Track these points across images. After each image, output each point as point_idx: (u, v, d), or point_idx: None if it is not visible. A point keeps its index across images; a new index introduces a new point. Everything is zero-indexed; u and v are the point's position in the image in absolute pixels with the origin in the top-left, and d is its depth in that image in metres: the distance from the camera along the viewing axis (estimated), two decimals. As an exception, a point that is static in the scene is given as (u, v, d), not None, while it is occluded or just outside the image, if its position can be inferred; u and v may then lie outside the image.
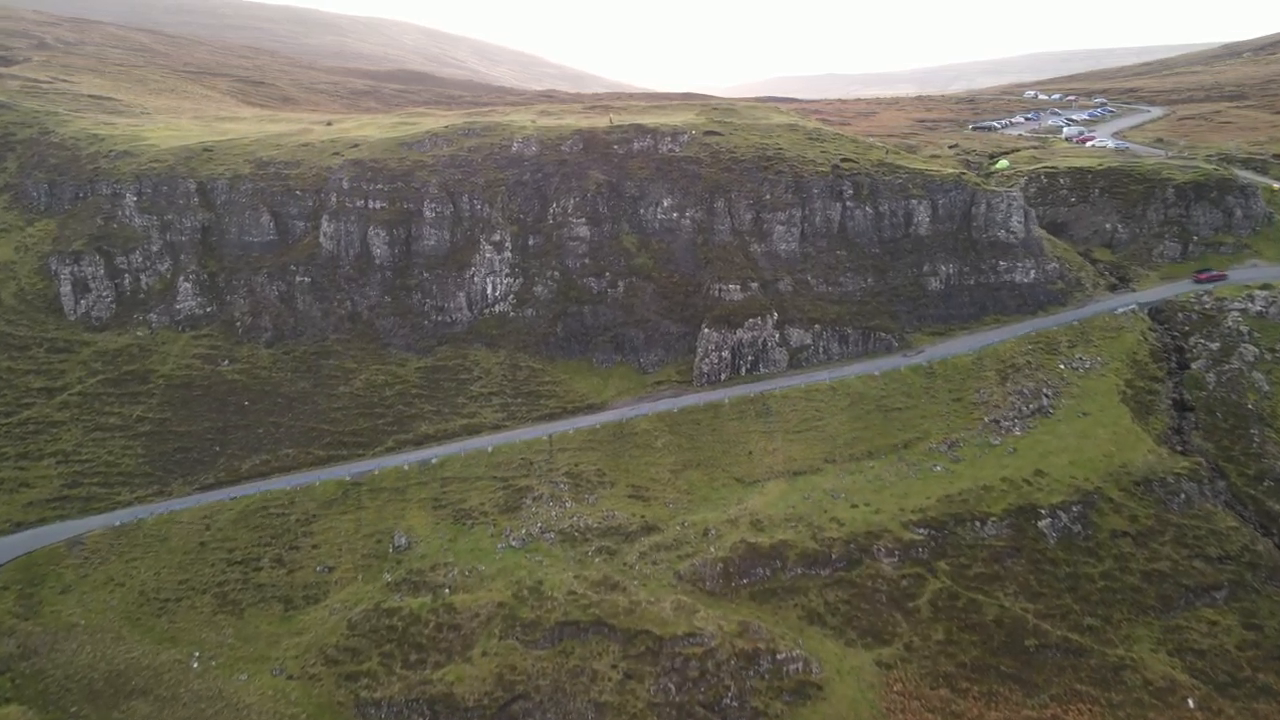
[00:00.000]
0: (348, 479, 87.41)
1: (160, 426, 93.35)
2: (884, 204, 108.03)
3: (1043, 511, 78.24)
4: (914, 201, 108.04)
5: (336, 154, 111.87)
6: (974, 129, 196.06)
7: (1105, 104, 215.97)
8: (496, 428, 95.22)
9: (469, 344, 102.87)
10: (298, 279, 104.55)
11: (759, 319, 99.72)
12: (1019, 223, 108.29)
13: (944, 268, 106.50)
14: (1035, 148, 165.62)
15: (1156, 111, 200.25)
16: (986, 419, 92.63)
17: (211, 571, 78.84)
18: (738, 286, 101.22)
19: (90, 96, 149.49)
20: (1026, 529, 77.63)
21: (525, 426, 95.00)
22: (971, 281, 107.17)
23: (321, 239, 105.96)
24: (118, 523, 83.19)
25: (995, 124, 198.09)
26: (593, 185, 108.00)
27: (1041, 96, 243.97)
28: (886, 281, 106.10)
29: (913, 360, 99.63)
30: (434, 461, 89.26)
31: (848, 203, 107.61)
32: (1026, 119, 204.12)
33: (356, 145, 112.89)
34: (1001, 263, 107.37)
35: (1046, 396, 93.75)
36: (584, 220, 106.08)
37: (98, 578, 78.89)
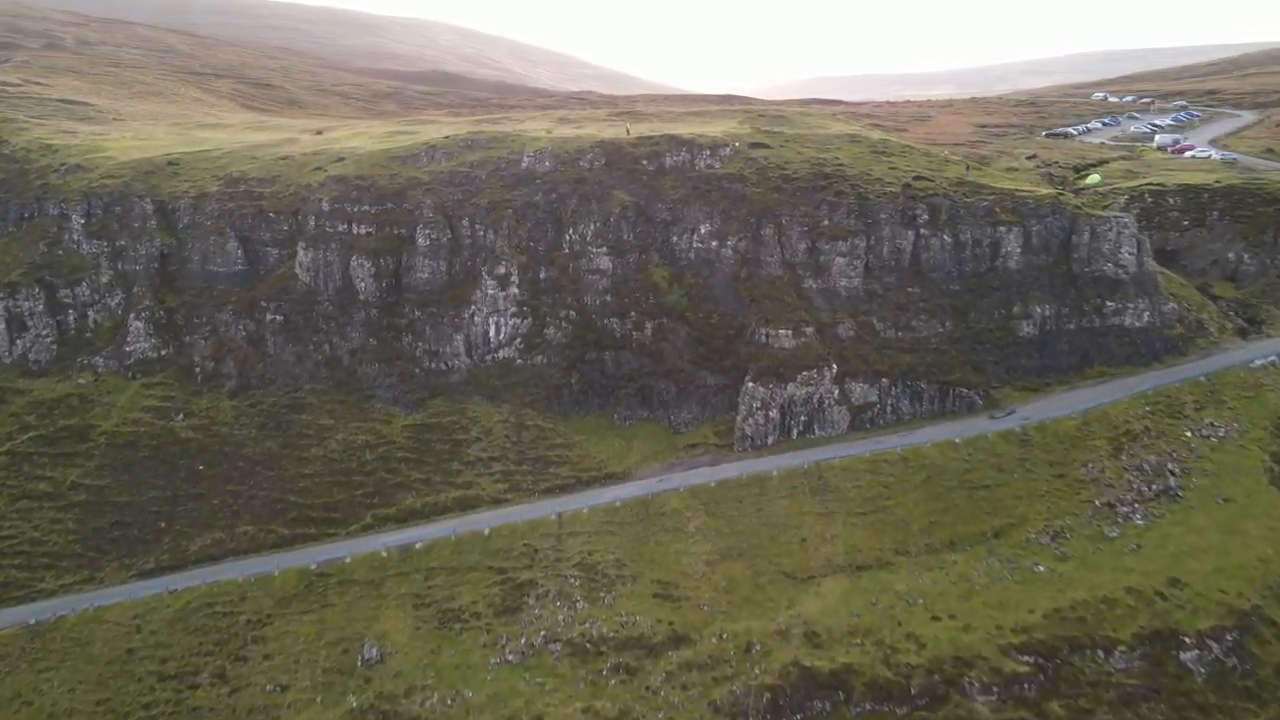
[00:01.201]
0: (313, 567, 75.82)
1: (97, 495, 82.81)
2: (965, 231, 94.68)
3: (1186, 640, 64.23)
4: (1002, 228, 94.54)
5: (318, 169, 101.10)
6: (1048, 136, 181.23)
7: (1186, 107, 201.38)
8: (496, 502, 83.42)
9: (467, 397, 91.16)
10: (268, 317, 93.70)
11: (814, 371, 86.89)
12: (1130, 254, 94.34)
13: (1038, 309, 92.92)
14: (1126, 159, 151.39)
15: (1249, 116, 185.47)
16: (1098, 501, 78.96)
17: (137, 689, 67.57)
18: (789, 331, 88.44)
19: (60, 101, 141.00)
20: (1165, 662, 63.74)
21: (531, 501, 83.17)
22: (1072, 325, 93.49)
23: (297, 269, 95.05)
24: (33, 620, 72.19)
25: (1072, 130, 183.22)
26: (616, 208, 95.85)
27: (1112, 99, 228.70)
28: (968, 325, 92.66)
29: (1002, 424, 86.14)
30: (418, 546, 77.48)
31: (922, 230, 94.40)
32: (1104, 124, 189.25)
33: (342, 159, 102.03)
34: (1109, 303, 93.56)
35: (1173, 474, 79.86)
36: (605, 249, 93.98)
37: (2, 693, 67.79)
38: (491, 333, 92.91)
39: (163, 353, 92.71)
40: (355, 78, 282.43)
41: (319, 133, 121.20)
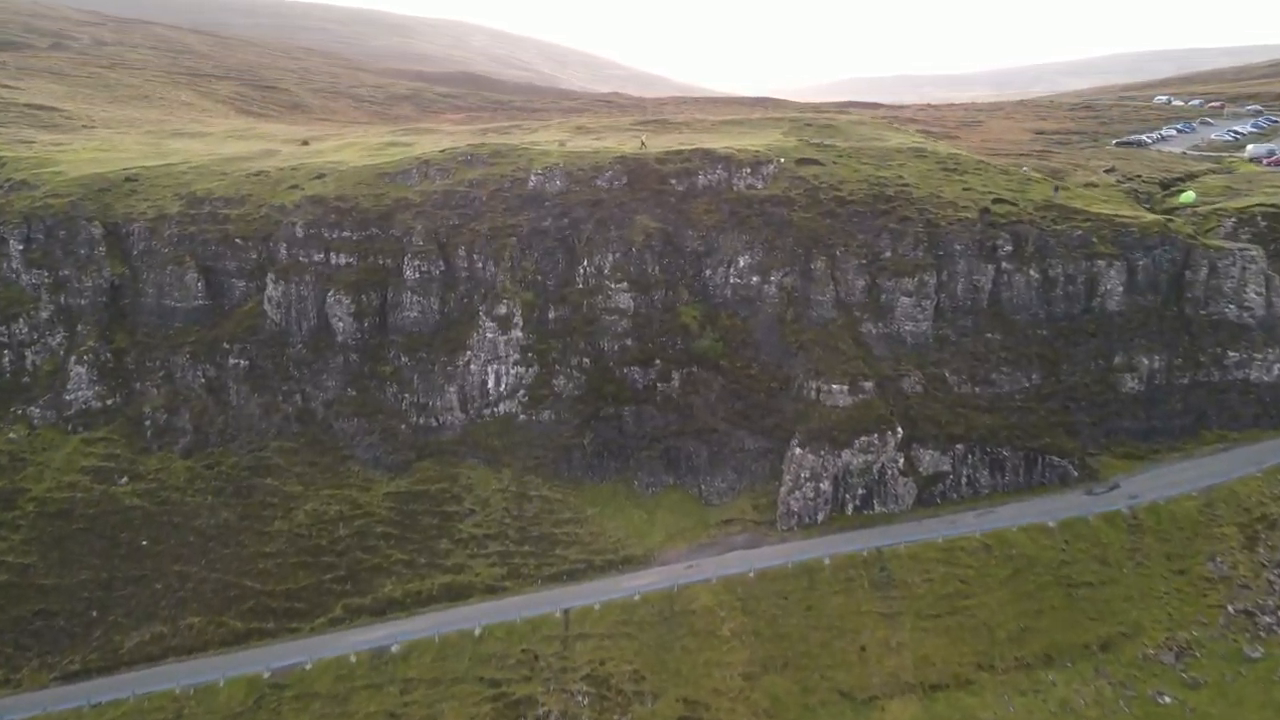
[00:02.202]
0: (266, 677, 65.12)
1: (21, 576, 72.85)
2: (1055, 265, 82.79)
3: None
4: (1100, 262, 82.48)
5: (294, 187, 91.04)
6: (1119, 145, 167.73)
7: (1262, 112, 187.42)
8: (491, 591, 72.59)
9: (460, 459, 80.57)
10: (231, 361, 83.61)
11: (875, 436, 75.23)
12: (1257, 294, 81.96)
13: (1145, 359, 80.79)
14: (1217, 172, 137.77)
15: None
16: (1231, 608, 66.93)
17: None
18: (844, 386, 76.89)
19: (26, 106, 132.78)
20: None
21: (532, 590, 72.39)
22: (1185, 380, 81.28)
23: (266, 306, 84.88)
24: (-77, 744, 62.00)
25: (1145, 138, 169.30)
26: (639, 235, 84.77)
27: (1177, 102, 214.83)
28: (1059, 379, 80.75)
29: (1104, 502, 74.19)
30: (395, 649, 66.70)
31: (1003, 264, 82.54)
32: (1179, 131, 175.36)
33: (322, 176, 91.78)
34: (1231, 352, 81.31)
35: (1325, 574, 66.98)
36: (626, 285, 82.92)
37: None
38: (490, 383, 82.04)
39: (108, 402, 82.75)
40: (376, 78, 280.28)
41: (304, 143, 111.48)
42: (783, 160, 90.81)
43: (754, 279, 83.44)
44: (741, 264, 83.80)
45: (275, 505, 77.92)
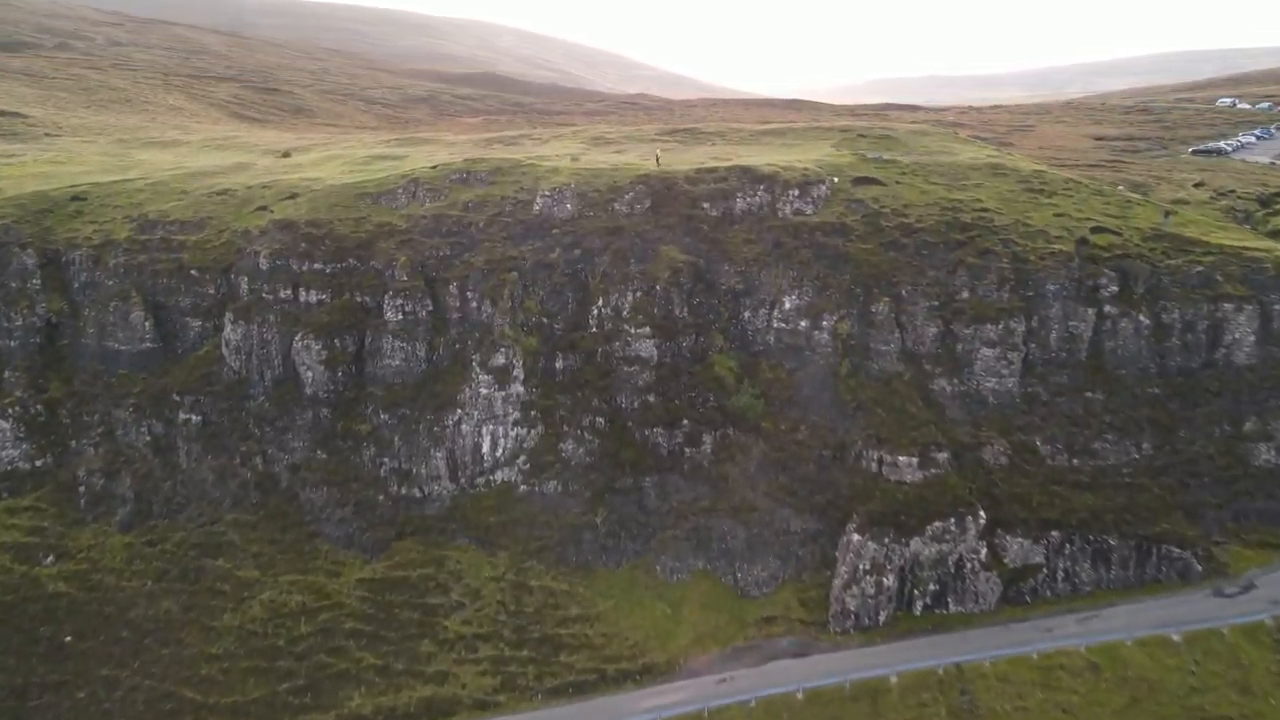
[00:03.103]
0: (198, 823, 53.87)
1: (-83, 682, 61.95)
2: (1170, 309, 70.69)
3: None
4: (1227, 305, 70.32)
5: (262, 208, 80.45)
6: (1195, 153, 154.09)
7: None
8: (481, 707, 61.68)
9: (448, 538, 69.63)
10: (182, 416, 73.16)
11: (951, 520, 63.24)
12: None
13: (1282, 426, 67.72)
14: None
15: None
16: None
17: None
18: (912, 457, 65.22)
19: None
20: None
21: (531, 708, 61.75)
22: (1334, 451, 68.03)
23: (224, 351, 74.33)
24: None
25: (1224, 145, 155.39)
26: (665, 270, 73.25)
27: (1243, 105, 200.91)
28: (1176, 449, 68.50)
29: (1240, 609, 61.78)
30: (358, 789, 55.17)
31: (1106, 307, 70.36)
32: (1258, 137, 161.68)
33: (294, 196, 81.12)
34: (1387, 419, 67.85)
35: None
36: (648, 330, 71.44)
37: None
38: (485, 447, 70.82)
39: (37, 463, 72.54)
40: (395, 79, 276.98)
41: (285, 155, 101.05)
42: (836, 180, 78.93)
43: (802, 323, 71.50)
44: (787, 305, 71.92)
45: (226, 594, 67.13)
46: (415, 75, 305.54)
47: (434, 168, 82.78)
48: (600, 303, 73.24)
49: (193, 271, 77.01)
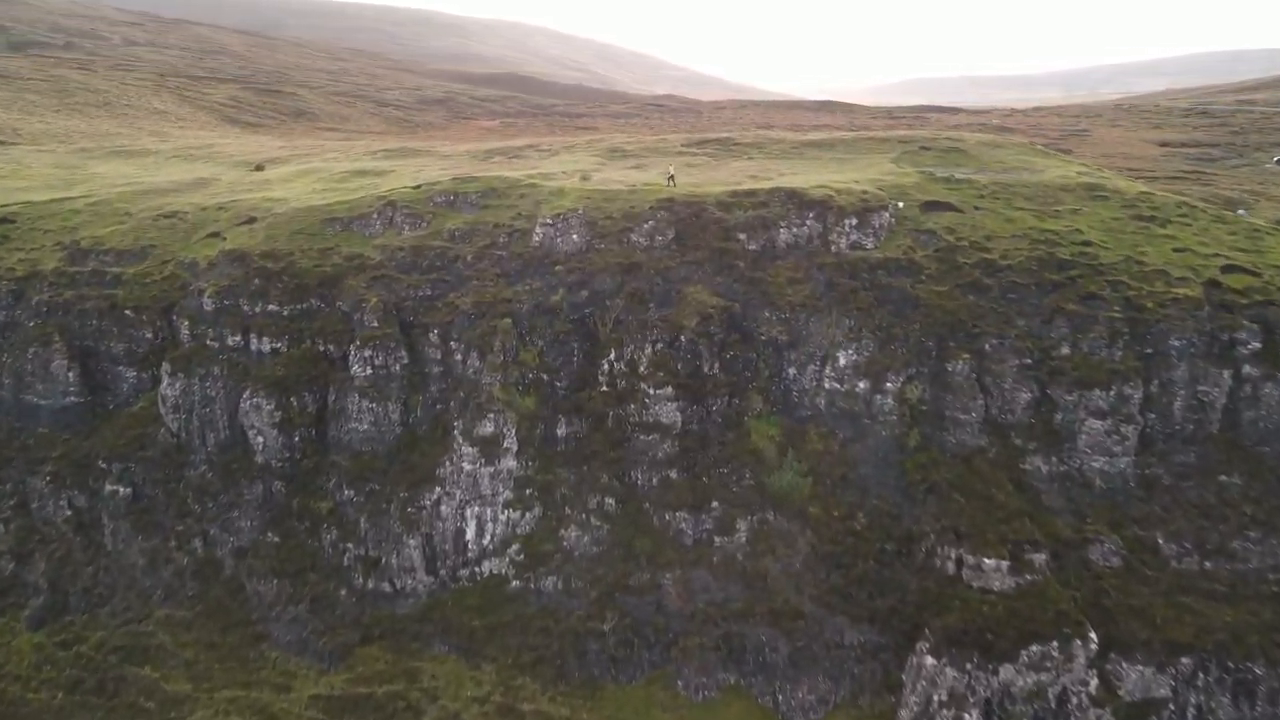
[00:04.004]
0: None
1: None
2: (1326, 371, 56.97)
3: None
4: (1397, 368, 56.43)
5: (214, 235, 69.47)
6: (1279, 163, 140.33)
7: None
8: None
9: (424, 645, 58.02)
10: (109, 488, 62.25)
11: (1053, 643, 50.71)
12: None
13: None
14: None
15: None
16: None
17: None
18: (1001, 559, 52.71)
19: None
20: None
21: None
22: None
23: (161, 408, 63.08)
24: None
25: None
26: (692, 317, 61.20)
27: None
28: (1336, 548, 54.79)
29: None
30: None
31: (1245, 368, 57.46)
32: None
33: (251, 220, 69.76)
34: None
35: None
36: (671, 390, 59.51)
37: None
38: (470, 532, 59.12)
39: (-64, 544, 61.61)
40: (416, 79, 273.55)
41: (258, 168, 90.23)
42: (901, 205, 66.38)
43: (861, 384, 59.09)
44: (842, 361, 59.58)
45: (150, 713, 55.96)
46: (437, 76, 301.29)
47: (417, 187, 70.93)
48: (612, 355, 61.07)
49: (127, 311, 65.87)
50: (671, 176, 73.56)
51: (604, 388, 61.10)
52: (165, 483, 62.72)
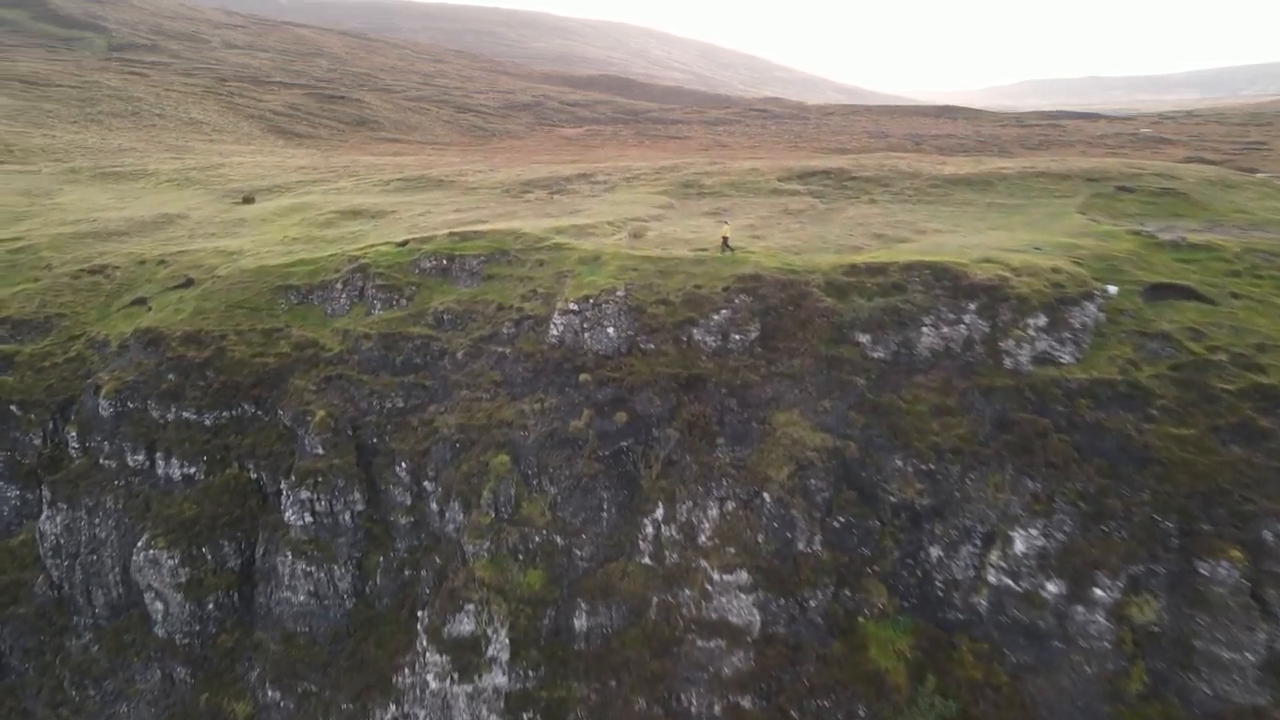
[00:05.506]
0: None
1: None
2: None
3: None
4: None
5: (139, 302, 53.17)
6: None
7: None
8: None
9: None
10: (-37, 658, 45.73)
11: None
12: None
13: None
14: None
15: None
16: None
17: None
18: None
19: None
20: None
21: None
22: None
23: (40, 552, 46.70)
24: None
25: None
26: (782, 463, 41.32)
27: None
28: None
29: None
30: None
31: None
32: None
33: (188, 284, 52.98)
34: None
35: None
36: (745, 572, 40.13)
37: None
38: (438, 774, 40.72)
39: None
40: (513, 82, 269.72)
41: (246, 200, 74.20)
42: (1114, 290, 45.02)
43: (1050, 585, 38.17)
44: (1020, 546, 38.81)
45: None
46: (534, 78, 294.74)
47: (402, 244, 52.60)
48: (660, 514, 41.78)
49: (13, 407, 50.05)
50: (726, 238, 52.64)
51: (646, 560, 41.71)
52: (39, 654, 46.44)
